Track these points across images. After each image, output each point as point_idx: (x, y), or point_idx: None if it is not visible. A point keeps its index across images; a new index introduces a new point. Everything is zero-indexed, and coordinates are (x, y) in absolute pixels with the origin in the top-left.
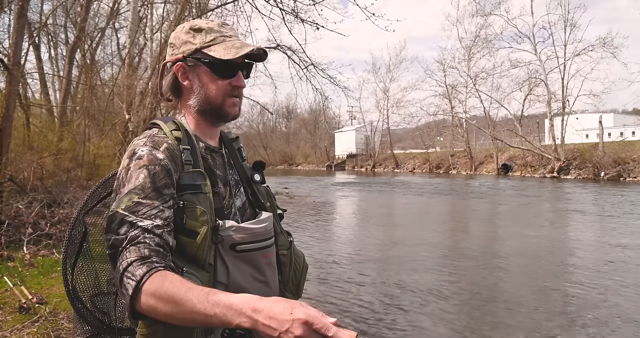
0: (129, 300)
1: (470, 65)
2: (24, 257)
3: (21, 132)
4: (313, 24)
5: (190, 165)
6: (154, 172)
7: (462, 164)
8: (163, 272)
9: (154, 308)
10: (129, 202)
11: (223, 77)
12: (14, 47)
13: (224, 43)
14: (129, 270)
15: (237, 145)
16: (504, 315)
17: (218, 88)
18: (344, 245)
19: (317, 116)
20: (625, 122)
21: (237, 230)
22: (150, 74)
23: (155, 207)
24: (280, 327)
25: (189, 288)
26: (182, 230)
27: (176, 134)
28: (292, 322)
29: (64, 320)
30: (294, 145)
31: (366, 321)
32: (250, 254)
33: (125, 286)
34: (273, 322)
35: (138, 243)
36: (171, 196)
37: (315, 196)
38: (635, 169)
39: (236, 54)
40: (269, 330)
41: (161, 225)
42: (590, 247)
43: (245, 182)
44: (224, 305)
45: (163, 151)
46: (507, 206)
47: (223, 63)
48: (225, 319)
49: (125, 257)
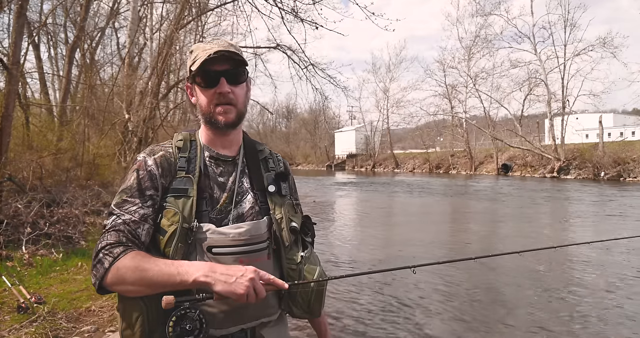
0: (103, 272)
1: (470, 65)
2: (23, 256)
3: (20, 132)
4: (312, 23)
5: (183, 171)
6: (141, 176)
7: (462, 164)
8: (136, 251)
9: (122, 278)
10: (119, 199)
11: (207, 87)
12: (14, 47)
13: (199, 54)
14: (106, 248)
15: (262, 155)
16: (504, 315)
17: (205, 98)
18: (344, 245)
19: (317, 116)
20: (625, 122)
21: (213, 233)
22: (150, 73)
23: (136, 204)
24: (236, 274)
25: (156, 259)
26: (157, 228)
27: (178, 143)
28: (246, 270)
29: (63, 319)
30: (293, 145)
31: (366, 321)
32: (225, 258)
33: (101, 260)
34: (230, 271)
35: (118, 231)
36: (151, 197)
37: (315, 196)
38: (635, 169)
39: (208, 55)
40: (225, 278)
41: (137, 221)
42: (590, 247)
43: (259, 191)
44: (186, 265)
45: (155, 158)
46: (507, 206)
47: (204, 74)
48: (187, 275)
49: (106, 239)
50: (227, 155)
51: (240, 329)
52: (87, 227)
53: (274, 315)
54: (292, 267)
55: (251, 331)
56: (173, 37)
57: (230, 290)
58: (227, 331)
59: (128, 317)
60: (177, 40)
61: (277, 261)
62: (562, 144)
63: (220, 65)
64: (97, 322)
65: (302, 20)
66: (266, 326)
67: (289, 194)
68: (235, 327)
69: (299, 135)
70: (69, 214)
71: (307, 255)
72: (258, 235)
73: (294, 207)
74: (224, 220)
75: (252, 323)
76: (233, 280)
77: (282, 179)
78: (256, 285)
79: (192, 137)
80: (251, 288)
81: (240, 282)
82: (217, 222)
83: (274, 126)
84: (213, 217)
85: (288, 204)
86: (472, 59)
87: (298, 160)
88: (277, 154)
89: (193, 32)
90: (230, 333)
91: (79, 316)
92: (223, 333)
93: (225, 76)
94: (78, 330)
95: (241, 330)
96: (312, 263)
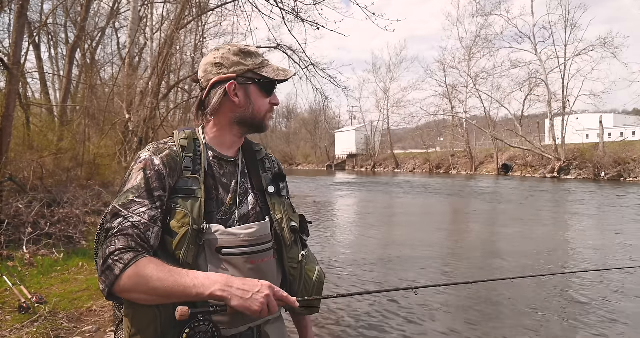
0: (113, 279)
1: (470, 65)
2: (24, 256)
3: (21, 132)
4: (313, 24)
5: (189, 171)
6: (149, 176)
7: (463, 164)
8: (148, 258)
9: (134, 286)
10: (125, 199)
11: (267, 95)
12: (14, 47)
13: (270, 66)
14: (115, 254)
15: (260, 156)
16: (505, 315)
17: (264, 104)
18: (344, 245)
19: (317, 116)
20: (625, 122)
21: (222, 234)
22: (151, 73)
23: (145, 206)
24: (252, 290)
25: (170, 268)
26: (166, 230)
27: (182, 142)
28: (262, 286)
29: (64, 319)
30: (294, 145)
31: (366, 321)
32: (235, 258)
33: (110, 267)
34: (246, 286)
35: (127, 235)
36: (159, 198)
37: (315, 196)
38: (636, 169)
39: (285, 76)
40: (242, 293)
41: (147, 223)
42: (591, 247)
43: (258, 192)
44: (202, 277)
45: (162, 157)
46: (508, 206)
47: (270, 83)
48: (204, 288)
49: (114, 243)
50: (229, 156)
51: (248, 328)
52: (88, 227)
53: (278, 312)
54: (294, 265)
55: (257, 328)
56: (173, 37)
57: (245, 306)
58: (237, 330)
59: (138, 323)
60: (178, 41)
61: (280, 260)
62: (562, 144)
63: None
64: (99, 322)
65: (303, 21)
66: (269, 323)
67: (286, 194)
68: (244, 326)
69: (300, 135)
70: (70, 214)
71: (307, 254)
72: (266, 235)
73: (292, 207)
74: (228, 221)
75: (259, 321)
76: (249, 296)
77: (280, 180)
78: (270, 301)
79: (194, 136)
80: (266, 304)
81: (255, 298)
82: (223, 222)
83: (274, 126)
84: (219, 218)
85: (287, 204)
86: (473, 59)
87: (298, 160)
88: (271, 154)
89: (193, 32)
90: (239, 333)
91: (80, 316)
92: (233, 332)
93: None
94: (79, 330)
95: (249, 329)
96: (311, 262)
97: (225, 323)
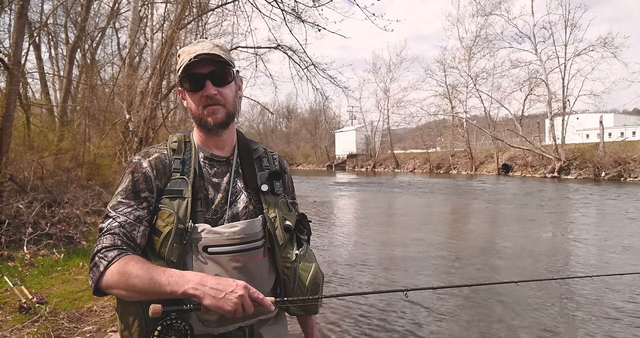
0: (98, 276)
1: (470, 65)
2: (24, 256)
3: (21, 132)
4: (314, 25)
5: (178, 173)
6: (136, 178)
7: (463, 164)
8: (130, 255)
9: (116, 283)
10: (115, 201)
11: (194, 91)
12: (14, 47)
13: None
14: (102, 252)
15: (256, 154)
16: (505, 315)
17: (193, 101)
18: (344, 245)
19: (317, 116)
20: (625, 122)
21: (208, 233)
22: (151, 73)
23: (131, 206)
24: (225, 289)
25: (149, 266)
26: (152, 229)
27: (173, 145)
28: (236, 286)
29: (64, 320)
30: (294, 145)
31: (366, 322)
32: (220, 257)
33: (97, 264)
34: (220, 286)
35: (114, 234)
36: (146, 199)
37: (315, 196)
38: (636, 169)
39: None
40: (215, 293)
41: (132, 222)
42: (590, 247)
43: (252, 191)
44: (177, 275)
45: (150, 160)
46: (508, 206)
47: (190, 78)
48: (177, 286)
49: (101, 242)
50: (221, 156)
51: (239, 327)
52: (88, 227)
53: (272, 312)
54: (287, 265)
55: (249, 329)
56: (174, 37)
57: (218, 305)
58: (225, 329)
59: (125, 318)
60: (178, 41)
61: (272, 259)
62: (562, 144)
63: (205, 68)
64: (99, 322)
65: (303, 21)
66: (265, 324)
67: (282, 193)
68: (233, 325)
69: (300, 135)
70: (70, 214)
71: (302, 253)
72: (253, 234)
73: (289, 206)
74: (219, 220)
75: (250, 321)
76: (222, 295)
77: (276, 178)
78: (245, 301)
79: (186, 139)
80: (239, 304)
81: (228, 298)
82: (213, 222)
83: (274, 126)
84: (208, 217)
85: (282, 203)
86: (473, 59)
87: (298, 160)
88: (273, 152)
89: (194, 32)
90: (228, 332)
91: (80, 316)
92: (221, 331)
93: (210, 78)
94: (80, 330)
95: (239, 328)
96: (307, 260)
97: (213, 322)
